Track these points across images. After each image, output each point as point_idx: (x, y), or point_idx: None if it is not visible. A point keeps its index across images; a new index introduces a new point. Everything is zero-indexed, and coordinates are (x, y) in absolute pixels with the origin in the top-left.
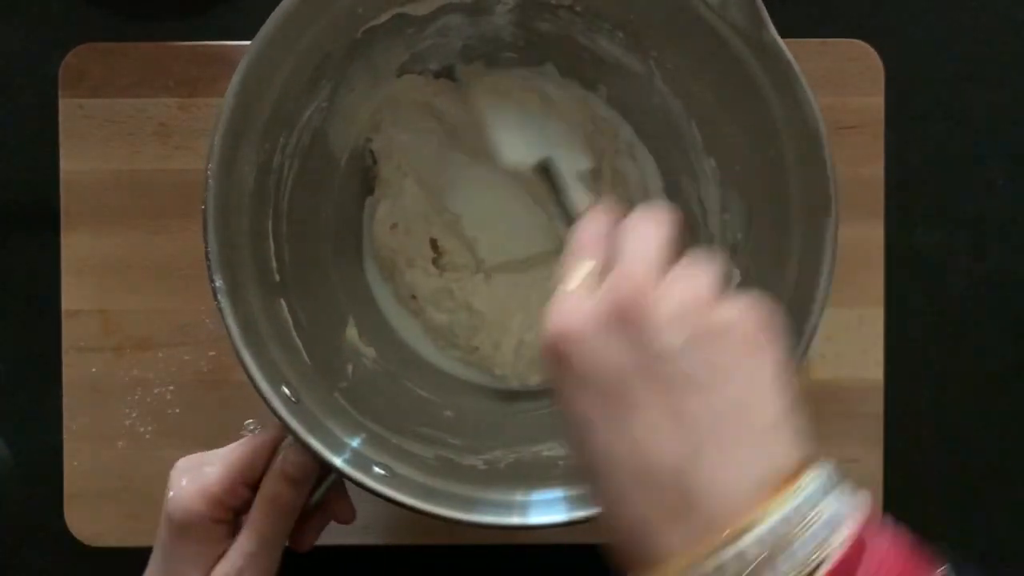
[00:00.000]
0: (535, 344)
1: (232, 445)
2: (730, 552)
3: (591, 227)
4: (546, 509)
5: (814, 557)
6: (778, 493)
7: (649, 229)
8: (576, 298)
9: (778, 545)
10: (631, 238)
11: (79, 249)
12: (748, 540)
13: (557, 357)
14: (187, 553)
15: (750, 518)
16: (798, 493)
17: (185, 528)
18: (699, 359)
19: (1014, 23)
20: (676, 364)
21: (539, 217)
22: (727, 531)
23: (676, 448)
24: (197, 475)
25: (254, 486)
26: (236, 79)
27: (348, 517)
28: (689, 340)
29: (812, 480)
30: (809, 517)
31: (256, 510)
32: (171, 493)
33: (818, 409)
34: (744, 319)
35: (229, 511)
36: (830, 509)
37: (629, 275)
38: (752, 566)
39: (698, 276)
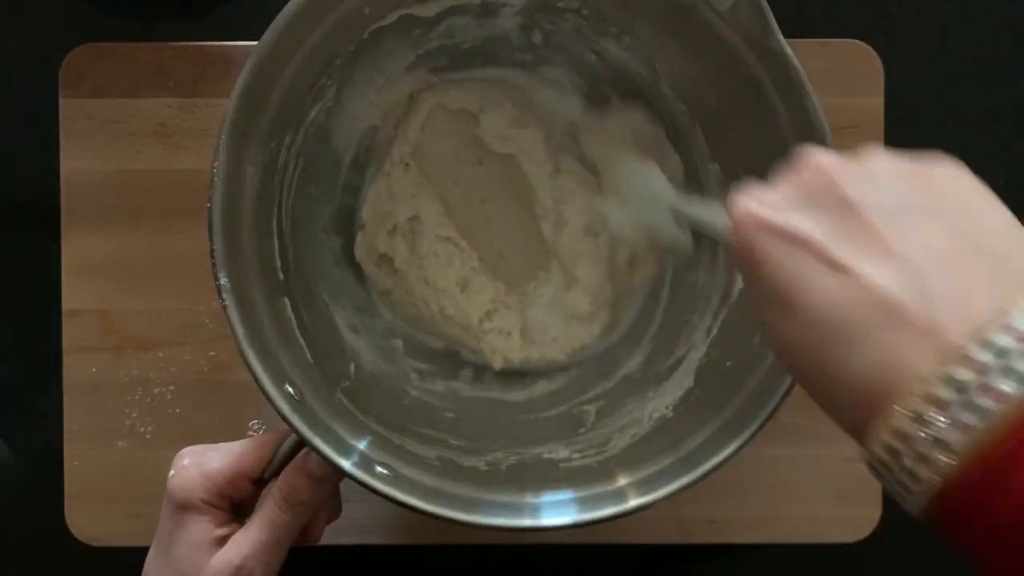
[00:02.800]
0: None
1: (238, 441)
2: (979, 348)
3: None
4: (556, 511)
5: None
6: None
7: (812, 152)
8: (764, 189)
9: None
10: (799, 157)
11: (79, 249)
12: (999, 333)
13: (761, 227)
14: (186, 535)
15: (999, 310)
16: None
17: (185, 509)
18: (911, 195)
19: (1014, 23)
20: (889, 202)
21: (530, 227)
22: (971, 329)
23: (908, 274)
24: (201, 460)
25: (256, 481)
26: (243, 78)
27: (333, 516)
28: (893, 181)
29: None
30: None
31: (270, 503)
32: (172, 473)
33: (818, 409)
34: (948, 168)
35: (227, 501)
36: None
37: (815, 157)
38: (1008, 353)
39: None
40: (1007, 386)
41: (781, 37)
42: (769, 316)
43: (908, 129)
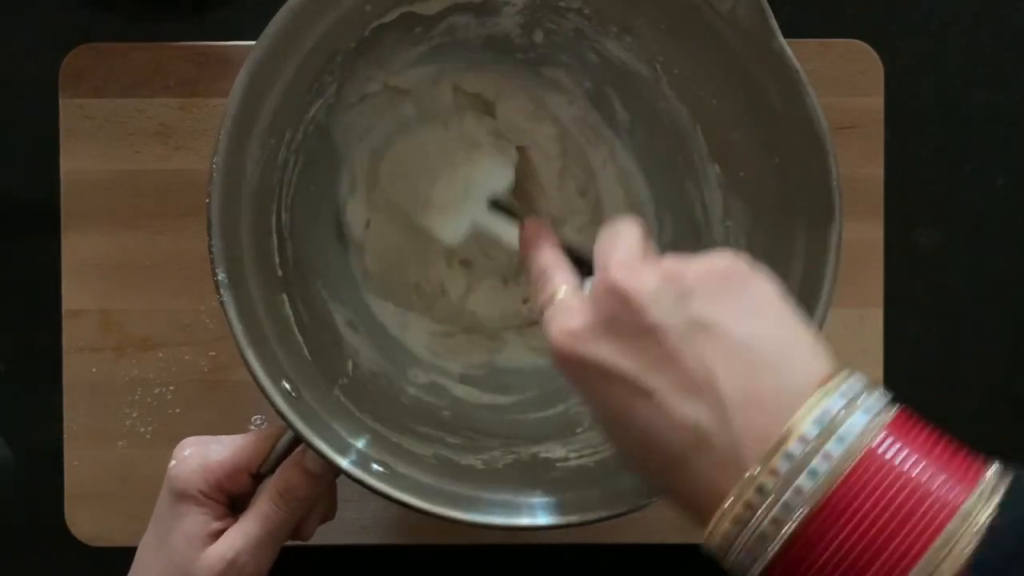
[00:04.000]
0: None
1: (239, 434)
2: (777, 460)
3: (544, 253)
4: (554, 510)
5: (856, 444)
6: (809, 399)
7: (616, 234)
8: (571, 304)
9: (822, 437)
10: (601, 248)
11: (79, 249)
12: (792, 444)
13: (574, 365)
14: (182, 525)
15: (791, 423)
16: (829, 394)
17: (183, 499)
18: (695, 310)
19: (1013, 23)
20: (679, 325)
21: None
22: (770, 445)
23: (709, 399)
24: (202, 452)
25: (254, 476)
26: (243, 74)
27: (328, 515)
28: (679, 299)
29: (841, 382)
30: (842, 413)
31: (265, 498)
32: (173, 463)
33: None
34: (722, 261)
35: (225, 494)
36: (866, 404)
37: (610, 275)
38: (802, 462)
39: (666, 259)
40: (780, 511)
41: (782, 38)
42: (603, 432)
43: (908, 129)
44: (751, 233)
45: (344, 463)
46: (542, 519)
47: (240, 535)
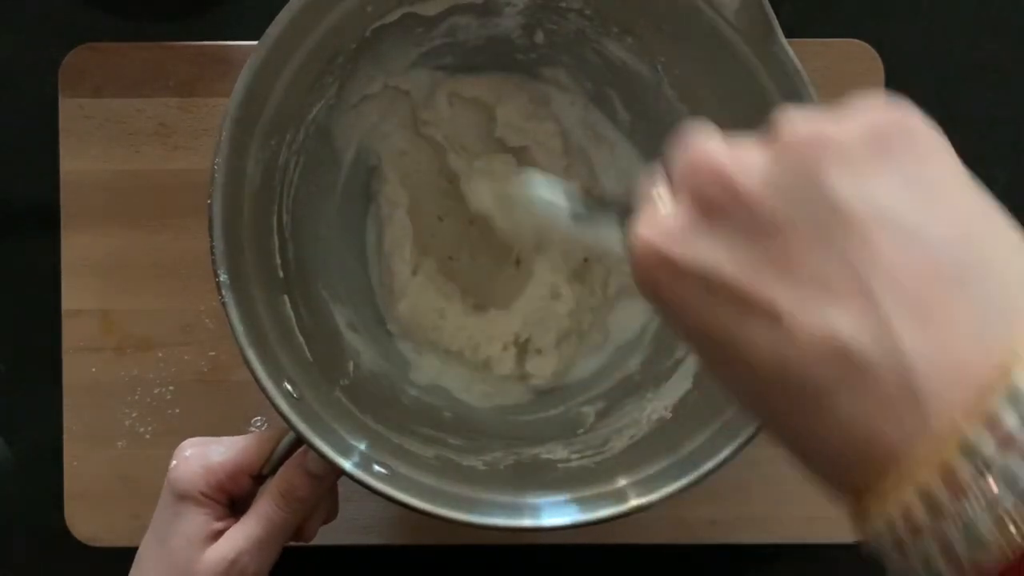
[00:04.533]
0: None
1: (240, 436)
2: (997, 403)
3: (658, 168)
4: (556, 511)
5: None
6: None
7: (697, 136)
8: (656, 210)
9: None
10: (684, 148)
11: (79, 249)
12: (1003, 408)
13: (661, 276)
14: (183, 526)
15: (1010, 351)
16: None
17: (183, 500)
18: (838, 190)
19: (1013, 23)
20: (812, 214)
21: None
22: (977, 379)
23: (870, 311)
24: (203, 452)
25: (255, 477)
26: (245, 74)
27: (330, 516)
28: (809, 174)
29: None
30: None
31: (267, 499)
32: (174, 463)
33: None
34: (875, 115)
35: (226, 495)
36: None
37: (694, 153)
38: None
39: (775, 129)
40: (1006, 489)
41: (784, 41)
42: (713, 370)
43: None
44: None
45: (346, 464)
46: (544, 520)
47: (241, 535)
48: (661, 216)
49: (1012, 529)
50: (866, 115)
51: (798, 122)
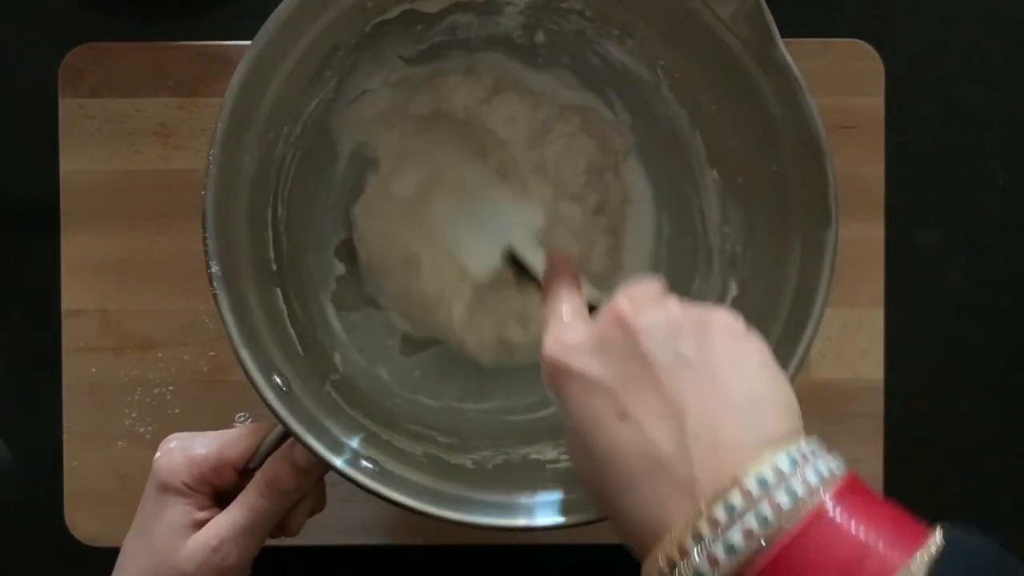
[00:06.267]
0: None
1: (226, 430)
2: (719, 507)
3: (563, 278)
4: (545, 512)
5: (794, 506)
6: (764, 453)
7: (634, 282)
8: (573, 323)
9: (762, 495)
10: (618, 291)
11: (79, 249)
12: (735, 494)
13: (562, 373)
14: (166, 516)
15: (734, 476)
16: (786, 452)
17: (166, 491)
18: (686, 349)
19: (1013, 23)
20: (667, 356)
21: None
22: (716, 489)
23: (676, 428)
24: (187, 445)
25: (241, 471)
26: (242, 67)
27: (316, 509)
28: (673, 335)
29: (798, 445)
30: (793, 472)
31: (252, 488)
32: (158, 455)
33: (818, 409)
34: (721, 315)
35: (210, 487)
36: (817, 466)
37: (617, 304)
38: (740, 513)
39: (673, 300)
40: (736, 541)
41: (782, 45)
42: (570, 446)
43: (908, 129)
44: (748, 238)
45: (333, 459)
46: (532, 520)
47: (225, 524)
48: (569, 337)
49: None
50: (712, 311)
51: (673, 307)
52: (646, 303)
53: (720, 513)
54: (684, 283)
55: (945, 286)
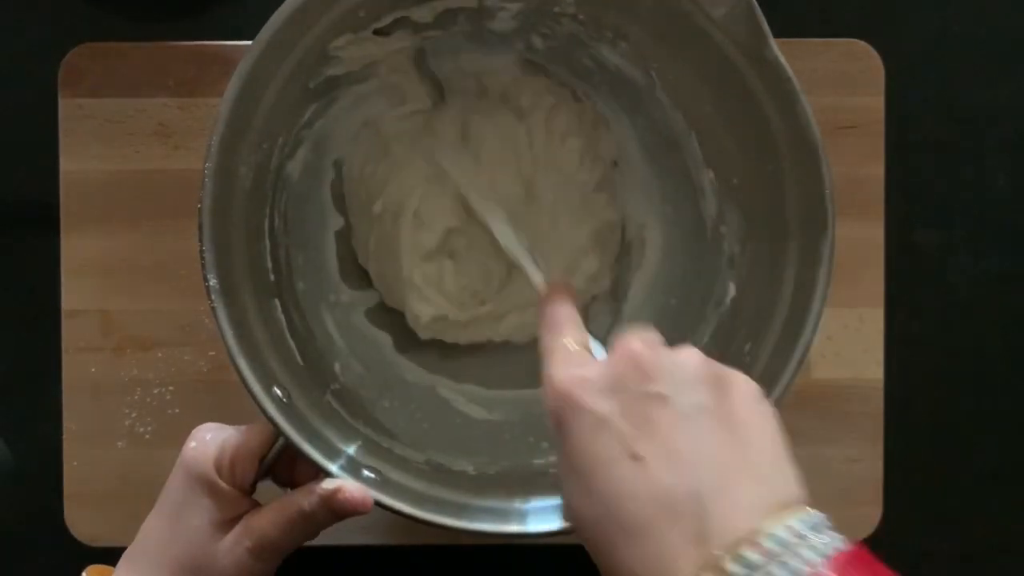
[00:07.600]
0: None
1: (252, 424)
2: (733, 562)
3: (563, 306)
4: (545, 517)
5: (805, 568)
6: (780, 513)
7: (638, 328)
8: (581, 361)
9: (774, 555)
10: (623, 333)
11: (79, 249)
12: (751, 551)
13: (571, 408)
14: (199, 510)
15: (753, 530)
16: (804, 515)
17: (201, 482)
18: (705, 398)
19: (1013, 23)
20: (685, 402)
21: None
22: (730, 542)
23: (692, 477)
24: (221, 436)
25: (263, 463)
26: (236, 79)
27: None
28: (692, 382)
29: (810, 513)
30: (812, 535)
31: (285, 516)
32: (192, 444)
33: (818, 409)
34: (741, 376)
35: (242, 480)
36: (831, 534)
37: (630, 344)
38: (756, 567)
39: (692, 348)
40: None
41: (775, 46)
42: (569, 485)
43: (908, 129)
44: (744, 239)
45: (333, 468)
46: (532, 526)
47: (267, 523)
48: (582, 372)
49: None
50: (733, 372)
51: (692, 355)
52: (659, 347)
53: (734, 568)
54: (682, 285)
55: (945, 286)
